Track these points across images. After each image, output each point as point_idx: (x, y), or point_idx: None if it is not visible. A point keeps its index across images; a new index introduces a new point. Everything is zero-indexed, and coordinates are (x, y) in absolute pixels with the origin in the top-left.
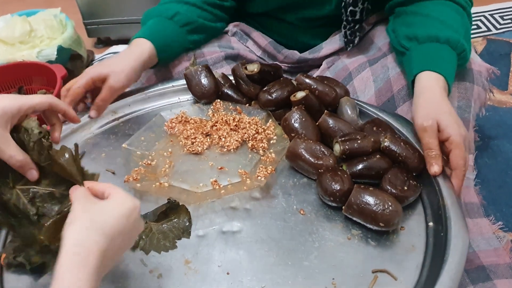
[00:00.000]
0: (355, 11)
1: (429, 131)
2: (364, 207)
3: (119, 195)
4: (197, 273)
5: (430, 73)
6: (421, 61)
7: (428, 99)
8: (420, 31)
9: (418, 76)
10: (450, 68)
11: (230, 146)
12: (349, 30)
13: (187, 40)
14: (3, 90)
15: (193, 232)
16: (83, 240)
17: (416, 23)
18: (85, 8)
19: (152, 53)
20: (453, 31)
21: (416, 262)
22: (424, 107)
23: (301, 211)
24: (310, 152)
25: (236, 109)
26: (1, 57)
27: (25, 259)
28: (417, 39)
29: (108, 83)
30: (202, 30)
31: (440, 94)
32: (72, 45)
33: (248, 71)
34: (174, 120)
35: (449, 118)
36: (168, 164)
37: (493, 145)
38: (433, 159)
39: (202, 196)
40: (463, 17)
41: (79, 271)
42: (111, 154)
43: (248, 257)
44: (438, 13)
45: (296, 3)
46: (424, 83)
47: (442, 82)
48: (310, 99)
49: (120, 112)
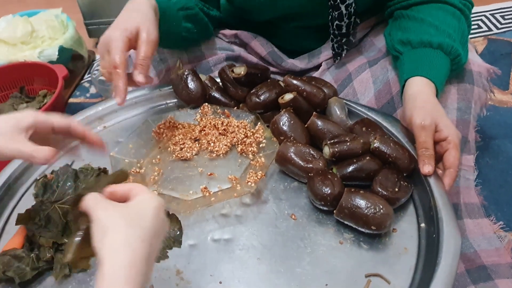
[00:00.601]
0: (341, 25)
1: (427, 130)
2: (355, 211)
3: (145, 194)
4: (189, 284)
5: (421, 79)
6: (412, 66)
7: (423, 101)
8: (414, 36)
9: (409, 81)
10: (441, 74)
11: (219, 151)
12: (336, 44)
13: (181, 25)
14: (5, 90)
15: (184, 241)
16: (126, 252)
17: (411, 28)
18: (86, 8)
19: (157, 10)
20: (447, 36)
21: (409, 265)
22: (423, 107)
23: (292, 216)
24: (299, 155)
25: (224, 113)
26: (3, 57)
27: (15, 273)
28: (411, 44)
29: (143, 38)
30: (196, 21)
31: (433, 97)
32: (73, 45)
33: (235, 74)
34: (162, 125)
35: (446, 119)
36: (157, 172)
37: (494, 145)
38: (426, 158)
39: (192, 204)
40: (459, 21)
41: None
42: (99, 163)
43: (241, 266)
44: (433, 18)
45: (290, 15)
46: (416, 87)
47: (432, 88)
48: (298, 101)
49: (107, 119)
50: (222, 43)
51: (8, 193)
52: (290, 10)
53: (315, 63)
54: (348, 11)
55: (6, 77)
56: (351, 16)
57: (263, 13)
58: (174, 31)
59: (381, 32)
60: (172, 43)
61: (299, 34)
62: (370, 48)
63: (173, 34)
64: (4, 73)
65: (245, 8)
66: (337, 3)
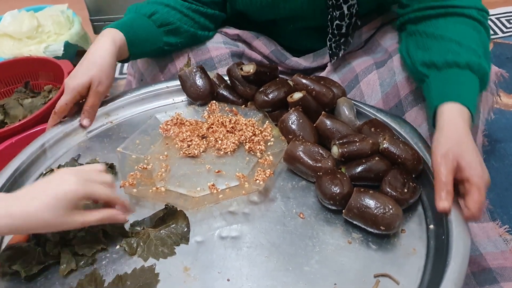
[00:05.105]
0: (341, 25)
1: (447, 166)
2: (364, 211)
3: None
4: (196, 280)
5: (453, 105)
6: (441, 91)
7: (450, 134)
8: (438, 57)
9: (439, 108)
10: (473, 97)
11: (227, 148)
12: (334, 43)
13: (162, 41)
14: (10, 85)
15: (192, 238)
16: None
17: (432, 47)
18: (92, 4)
19: (122, 44)
20: (472, 52)
21: (417, 266)
22: (446, 142)
23: (300, 215)
24: (308, 154)
25: (232, 110)
26: (9, 51)
27: (21, 267)
28: (436, 66)
29: (92, 89)
30: (179, 34)
31: (463, 130)
32: (79, 41)
33: (243, 72)
34: (169, 122)
35: (472, 158)
36: (164, 168)
37: (499, 148)
38: (444, 194)
39: (200, 201)
40: (480, 34)
41: None
42: (106, 158)
43: (248, 263)
44: (454, 33)
45: (291, 17)
46: (446, 116)
47: (466, 115)
48: (307, 100)
49: (113, 115)
50: (226, 38)
51: (14, 186)
52: (291, 12)
53: (319, 63)
54: (350, 11)
55: (11, 71)
56: (352, 17)
57: (264, 15)
58: (154, 47)
59: (387, 32)
60: (152, 55)
61: (301, 34)
62: (376, 49)
63: (152, 47)
64: (9, 67)
65: (246, 10)
66: (339, 3)
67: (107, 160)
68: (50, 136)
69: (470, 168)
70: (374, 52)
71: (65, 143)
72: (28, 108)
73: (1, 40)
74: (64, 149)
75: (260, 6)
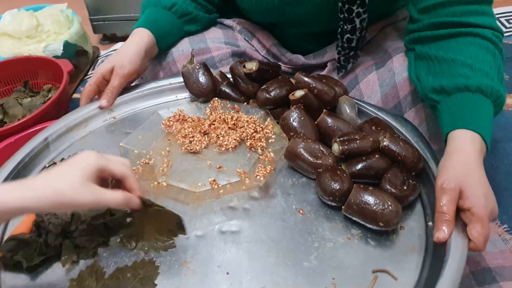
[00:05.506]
0: (352, 39)
1: (449, 194)
2: (363, 207)
3: None
4: (196, 274)
5: (464, 132)
6: (452, 117)
7: (457, 161)
8: (448, 81)
9: (450, 135)
10: (485, 123)
11: (229, 145)
12: (343, 56)
13: (183, 30)
14: (9, 84)
15: (192, 232)
16: None
17: (443, 72)
18: (91, 4)
19: (151, 41)
20: (484, 75)
21: (416, 262)
22: (451, 168)
23: (300, 211)
24: (309, 151)
25: (234, 108)
26: (8, 51)
27: (23, 257)
28: (445, 91)
29: (114, 72)
30: (198, 21)
31: (473, 158)
32: (78, 40)
33: (246, 69)
34: (172, 118)
35: (476, 187)
36: (166, 163)
37: (499, 148)
38: (443, 224)
39: (200, 196)
40: (494, 56)
41: None
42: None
43: (248, 258)
44: (466, 56)
45: (296, 21)
46: (457, 144)
47: (478, 143)
48: (309, 98)
49: (116, 110)
50: (228, 37)
51: (17, 179)
52: (297, 17)
53: (319, 61)
54: (362, 25)
55: (10, 70)
56: (363, 31)
57: (268, 18)
58: (176, 38)
59: (388, 34)
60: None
61: (302, 38)
62: (376, 50)
63: (175, 38)
64: (9, 66)
65: (251, 10)
66: (352, 16)
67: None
68: (53, 130)
69: (473, 197)
70: (374, 53)
71: (68, 137)
72: (28, 108)
73: (0, 39)
74: (67, 143)
75: (266, 9)
